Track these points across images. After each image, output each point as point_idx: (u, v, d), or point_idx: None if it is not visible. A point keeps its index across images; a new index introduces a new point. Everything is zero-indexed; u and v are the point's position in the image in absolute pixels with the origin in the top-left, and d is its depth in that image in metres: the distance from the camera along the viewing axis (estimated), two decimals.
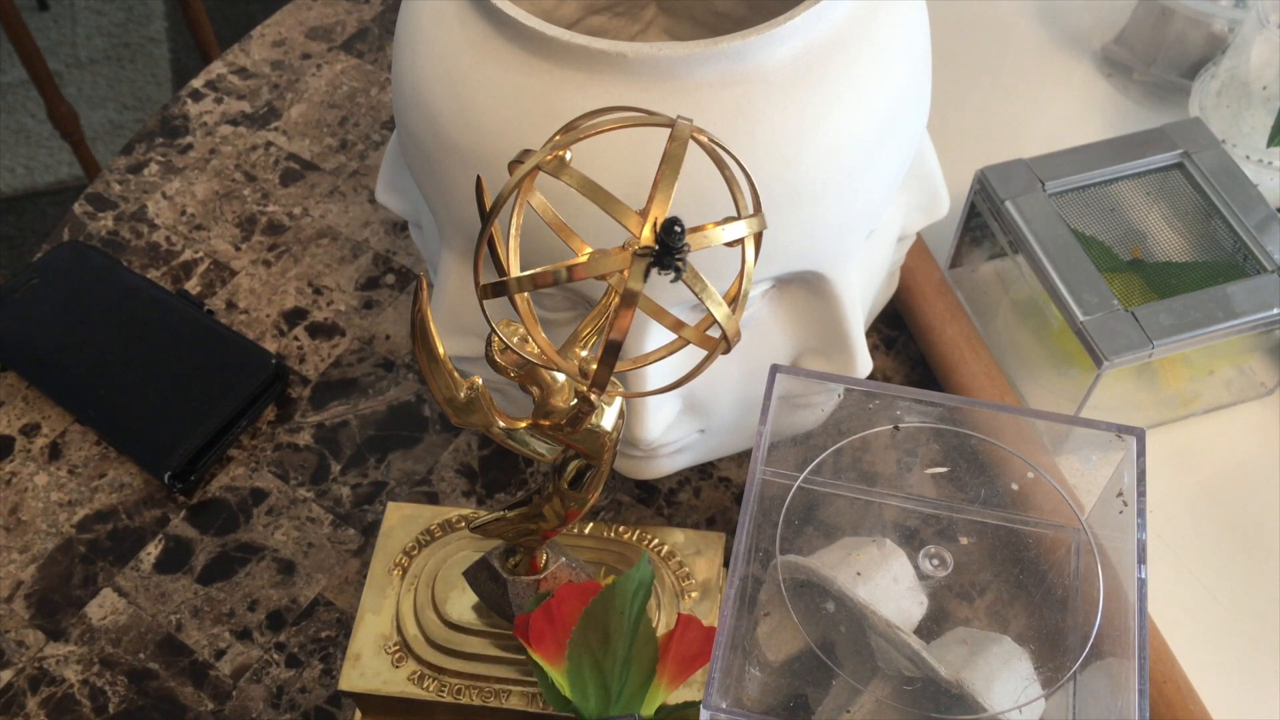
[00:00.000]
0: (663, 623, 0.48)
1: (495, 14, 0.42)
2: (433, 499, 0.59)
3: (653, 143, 0.36)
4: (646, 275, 0.28)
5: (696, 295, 0.29)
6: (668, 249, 0.28)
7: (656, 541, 0.51)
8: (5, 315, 0.64)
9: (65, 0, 2.02)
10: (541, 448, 0.40)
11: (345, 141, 0.73)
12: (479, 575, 0.47)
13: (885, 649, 0.42)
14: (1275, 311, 0.54)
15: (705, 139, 0.31)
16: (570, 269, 0.29)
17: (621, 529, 0.51)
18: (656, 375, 0.45)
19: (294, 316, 0.65)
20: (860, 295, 0.50)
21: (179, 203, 0.70)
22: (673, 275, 0.28)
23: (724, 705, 0.38)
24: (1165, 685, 0.50)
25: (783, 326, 0.49)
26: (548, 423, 0.37)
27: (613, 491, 0.58)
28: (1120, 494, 0.42)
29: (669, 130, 0.29)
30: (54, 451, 0.61)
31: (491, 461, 0.60)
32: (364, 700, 0.49)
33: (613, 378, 0.33)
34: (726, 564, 0.51)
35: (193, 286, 0.67)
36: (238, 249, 0.68)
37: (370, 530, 0.58)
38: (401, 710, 0.49)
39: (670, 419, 0.48)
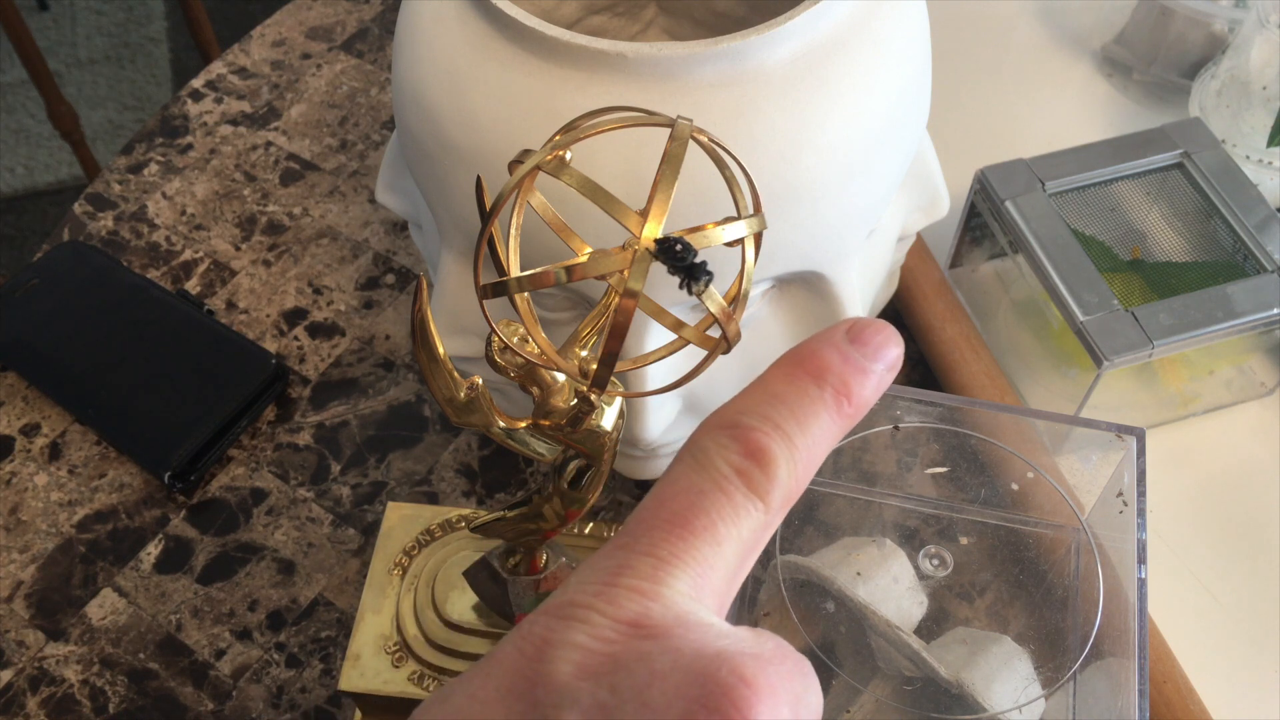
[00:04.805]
0: None
1: (495, 14, 0.42)
2: (433, 499, 0.58)
3: (653, 143, 0.36)
4: (691, 291, 0.28)
5: (697, 295, 0.29)
6: (683, 263, 0.27)
7: None
8: (5, 315, 0.64)
9: (65, 0, 2.02)
10: (541, 448, 0.40)
11: (345, 141, 0.73)
12: (479, 575, 0.47)
13: (885, 649, 0.42)
14: (1275, 311, 0.54)
15: (705, 139, 0.31)
16: (570, 269, 0.29)
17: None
18: (656, 375, 0.45)
19: (294, 316, 0.65)
20: (860, 295, 0.50)
21: (179, 203, 0.70)
22: (705, 281, 0.28)
23: None
24: (1165, 685, 0.50)
25: (783, 326, 0.49)
26: (548, 423, 0.37)
27: (613, 491, 0.58)
28: (1120, 494, 0.42)
29: (669, 130, 0.29)
30: (54, 451, 0.61)
31: (491, 461, 0.60)
32: (364, 700, 0.49)
33: (613, 378, 0.33)
34: None
35: (193, 286, 0.67)
36: (238, 249, 0.68)
37: (370, 530, 0.58)
38: (401, 710, 0.49)
39: (670, 419, 0.48)
